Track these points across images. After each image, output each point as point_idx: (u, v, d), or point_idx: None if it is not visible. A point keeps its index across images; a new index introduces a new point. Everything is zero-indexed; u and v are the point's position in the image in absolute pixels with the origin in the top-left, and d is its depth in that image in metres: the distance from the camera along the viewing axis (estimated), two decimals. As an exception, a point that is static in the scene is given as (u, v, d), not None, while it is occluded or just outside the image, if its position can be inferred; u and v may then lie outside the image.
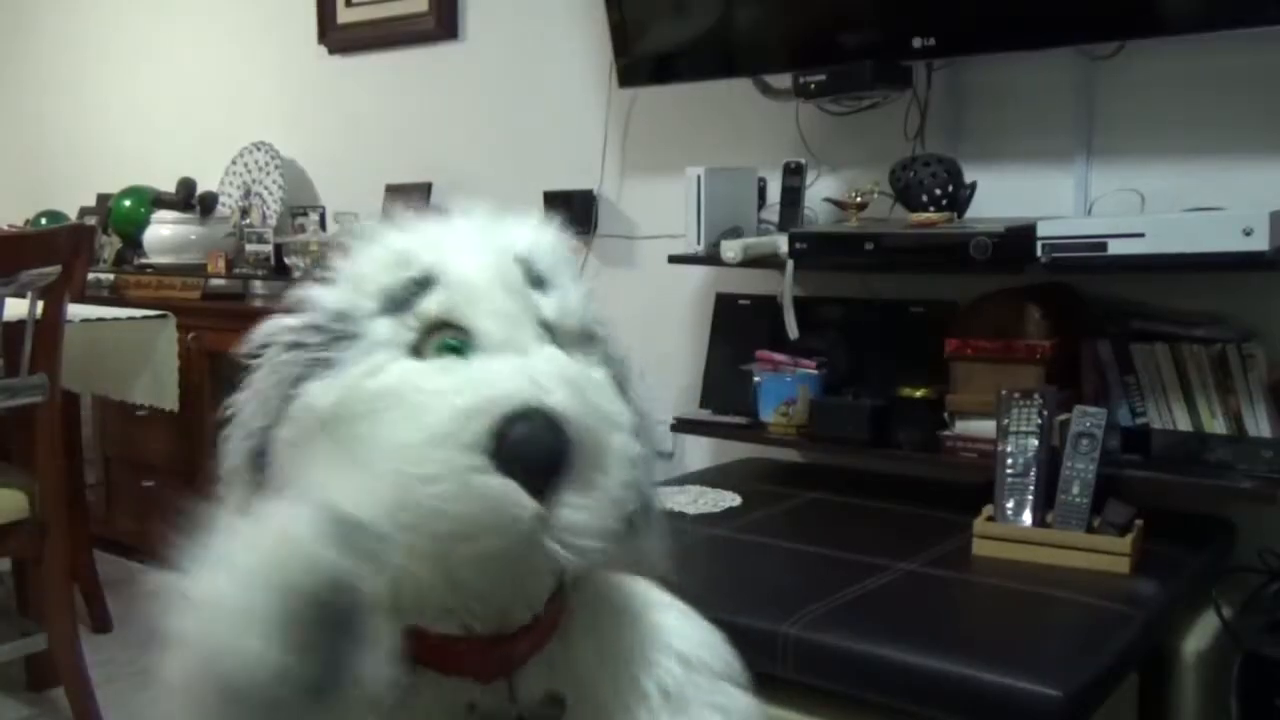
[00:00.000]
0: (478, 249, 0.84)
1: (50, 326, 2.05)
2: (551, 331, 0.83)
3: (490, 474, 0.72)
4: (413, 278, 0.82)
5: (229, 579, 0.68)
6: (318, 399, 0.79)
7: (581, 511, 0.75)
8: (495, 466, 0.72)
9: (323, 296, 0.85)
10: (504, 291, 0.82)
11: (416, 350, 0.80)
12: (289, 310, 0.87)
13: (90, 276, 3.01)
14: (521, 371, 0.77)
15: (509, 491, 0.72)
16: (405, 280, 0.82)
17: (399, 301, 0.81)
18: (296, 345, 0.83)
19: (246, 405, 0.83)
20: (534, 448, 0.73)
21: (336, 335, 0.81)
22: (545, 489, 0.73)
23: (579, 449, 0.75)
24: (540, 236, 0.88)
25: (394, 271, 0.83)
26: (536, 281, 0.84)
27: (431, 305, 0.80)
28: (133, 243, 3.37)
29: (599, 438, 0.77)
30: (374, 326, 0.81)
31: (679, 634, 0.92)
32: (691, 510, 1.93)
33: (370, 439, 0.75)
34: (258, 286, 3.18)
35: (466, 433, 0.73)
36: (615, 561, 0.87)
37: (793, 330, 2.11)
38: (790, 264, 2.05)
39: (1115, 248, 1.69)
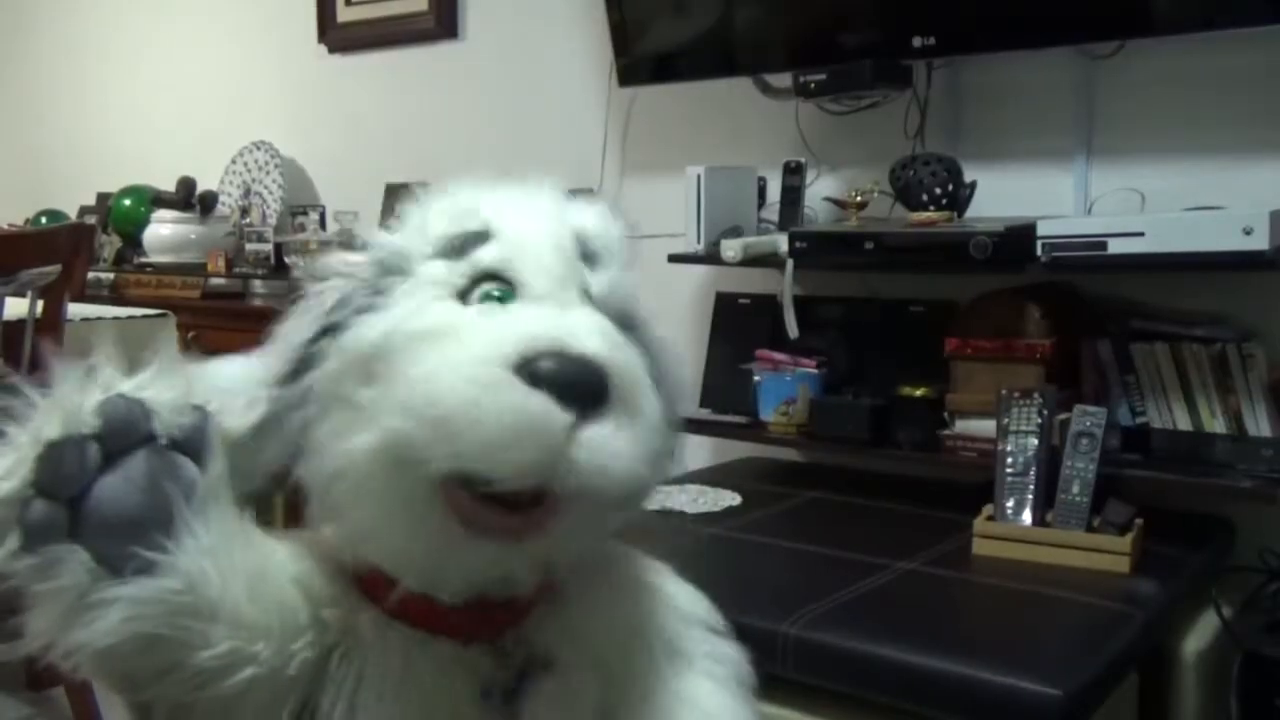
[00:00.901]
0: (539, 214, 0.89)
1: (50, 326, 2.05)
2: (594, 303, 0.86)
3: (526, 387, 0.74)
4: (472, 229, 0.85)
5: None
6: (364, 333, 0.80)
7: (611, 437, 0.76)
8: (539, 387, 0.75)
9: (385, 238, 0.87)
10: (555, 253, 0.85)
11: (462, 296, 0.82)
12: (352, 249, 0.89)
13: (90, 275, 3.01)
14: (561, 318, 0.80)
15: (542, 403, 0.74)
16: (465, 230, 0.85)
17: (455, 249, 0.84)
18: (350, 279, 0.85)
19: (293, 332, 0.84)
20: (566, 377, 0.75)
21: (389, 271, 0.84)
22: (576, 416, 0.75)
23: (610, 389, 0.77)
24: (601, 218, 0.94)
25: (456, 221, 0.86)
26: (588, 256, 0.89)
27: (485, 255, 0.83)
28: (133, 242, 3.37)
29: (632, 387, 0.79)
30: (426, 268, 0.83)
31: (673, 593, 0.94)
32: (691, 510, 1.93)
33: (407, 370, 0.77)
34: (258, 286, 3.18)
35: (502, 357, 0.75)
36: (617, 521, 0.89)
37: (793, 330, 2.11)
38: (790, 263, 2.05)
39: (1115, 247, 1.69)
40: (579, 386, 0.75)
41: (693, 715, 0.88)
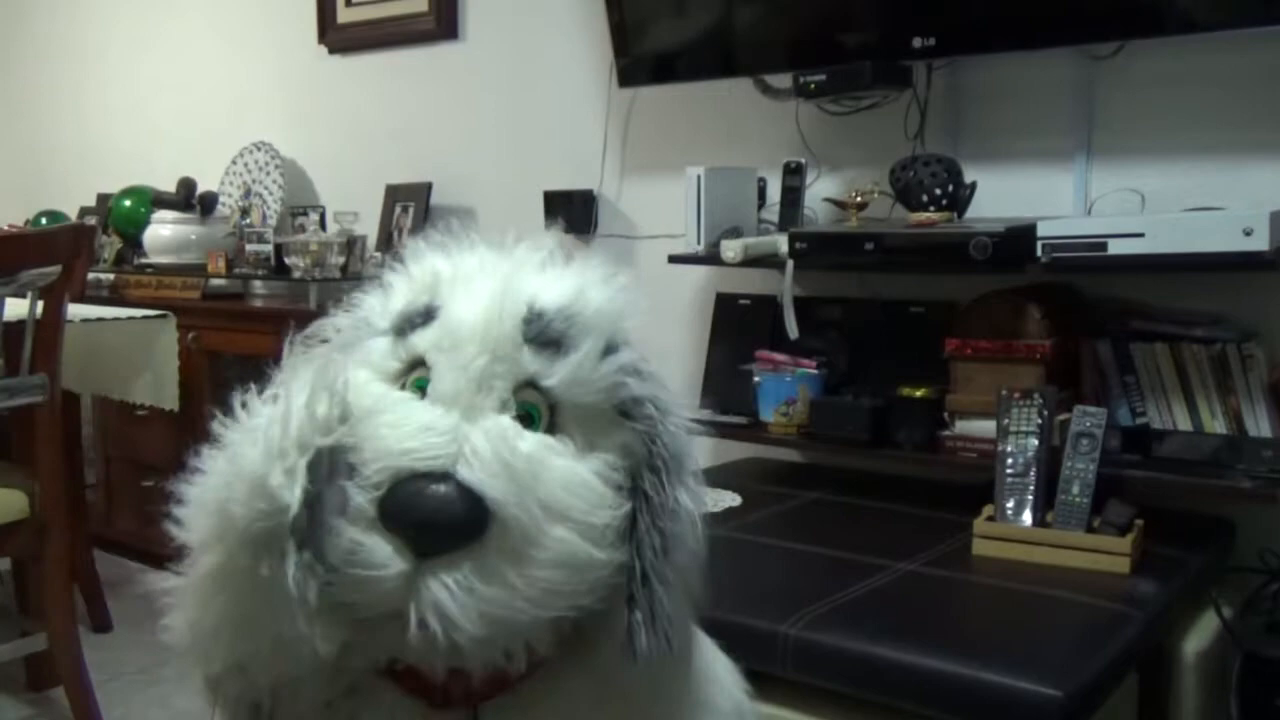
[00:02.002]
0: (490, 291, 0.81)
1: (50, 326, 2.04)
2: (550, 399, 0.80)
3: (370, 531, 0.72)
4: (420, 305, 0.83)
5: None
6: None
7: (460, 590, 0.72)
8: (384, 520, 0.72)
9: (364, 302, 0.87)
10: (481, 347, 0.79)
11: (402, 377, 0.82)
12: (344, 309, 0.90)
13: (90, 276, 3.01)
14: (446, 433, 0.75)
15: (377, 548, 0.72)
16: (413, 308, 0.83)
17: (401, 328, 0.83)
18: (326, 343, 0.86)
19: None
20: (419, 512, 0.72)
21: (348, 342, 0.85)
22: (434, 555, 0.72)
23: (488, 527, 0.72)
24: (580, 291, 0.83)
25: (411, 295, 0.84)
26: (546, 342, 0.80)
27: (420, 340, 0.81)
28: (133, 242, 3.37)
29: (523, 526, 0.73)
30: (375, 344, 0.83)
31: (697, 679, 0.89)
32: (691, 510, 1.93)
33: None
34: (258, 286, 3.18)
35: (371, 479, 0.73)
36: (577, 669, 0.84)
37: (793, 330, 2.11)
38: (790, 264, 2.05)
39: (1115, 248, 1.69)
40: (431, 526, 0.72)
41: None
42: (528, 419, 0.79)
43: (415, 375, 0.80)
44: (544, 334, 0.80)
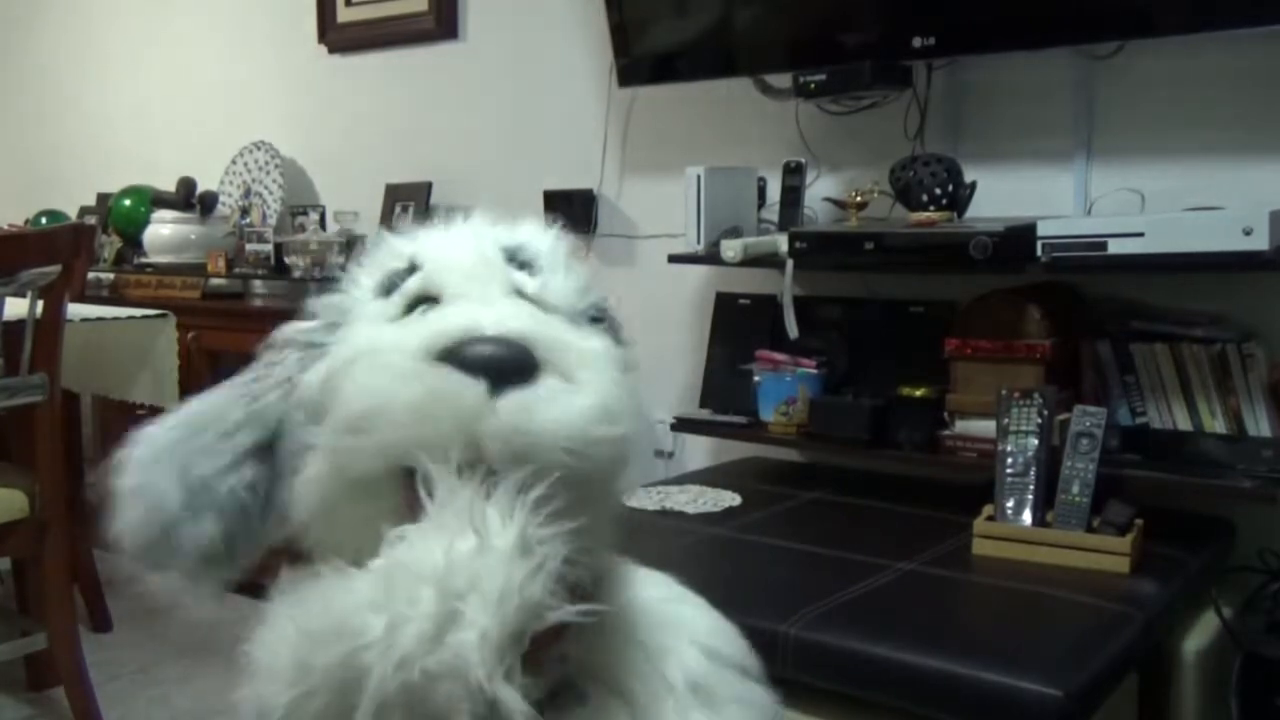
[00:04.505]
0: (461, 237, 0.91)
1: (50, 326, 2.04)
2: (540, 305, 0.87)
3: (435, 366, 0.77)
4: (400, 267, 0.88)
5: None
6: (310, 379, 0.84)
7: (531, 398, 0.77)
8: (455, 366, 0.77)
9: (329, 299, 0.91)
10: (476, 262, 0.87)
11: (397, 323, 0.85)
12: (302, 316, 0.92)
13: (90, 276, 3.01)
14: (477, 311, 0.82)
15: (449, 377, 0.76)
16: (395, 270, 0.88)
17: (387, 289, 0.88)
18: (307, 344, 0.88)
19: (258, 398, 0.88)
20: (476, 354, 0.77)
21: (334, 326, 0.87)
22: (490, 385, 0.77)
23: (533, 359, 0.78)
24: (534, 233, 0.94)
25: (387, 265, 0.89)
26: (522, 265, 0.90)
27: (412, 283, 0.86)
28: (133, 242, 3.37)
29: (564, 354, 0.80)
30: (365, 309, 0.87)
31: (699, 627, 0.93)
32: (691, 510, 1.93)
33: (340, 391, 0.79)
34: (258, 286, 3.18)
35: (411, 350, 0.78)
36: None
37: (793, 330, 2.11)
38: (790, 263, 2.05)
39: (1115, 247, 1.69)
40: (493, 360, 0.77)
41: None
42: None
43: (417, 312, 0.85)
44: (518, 257, 0.90)
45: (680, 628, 0.92)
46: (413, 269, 0.88)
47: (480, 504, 0.75)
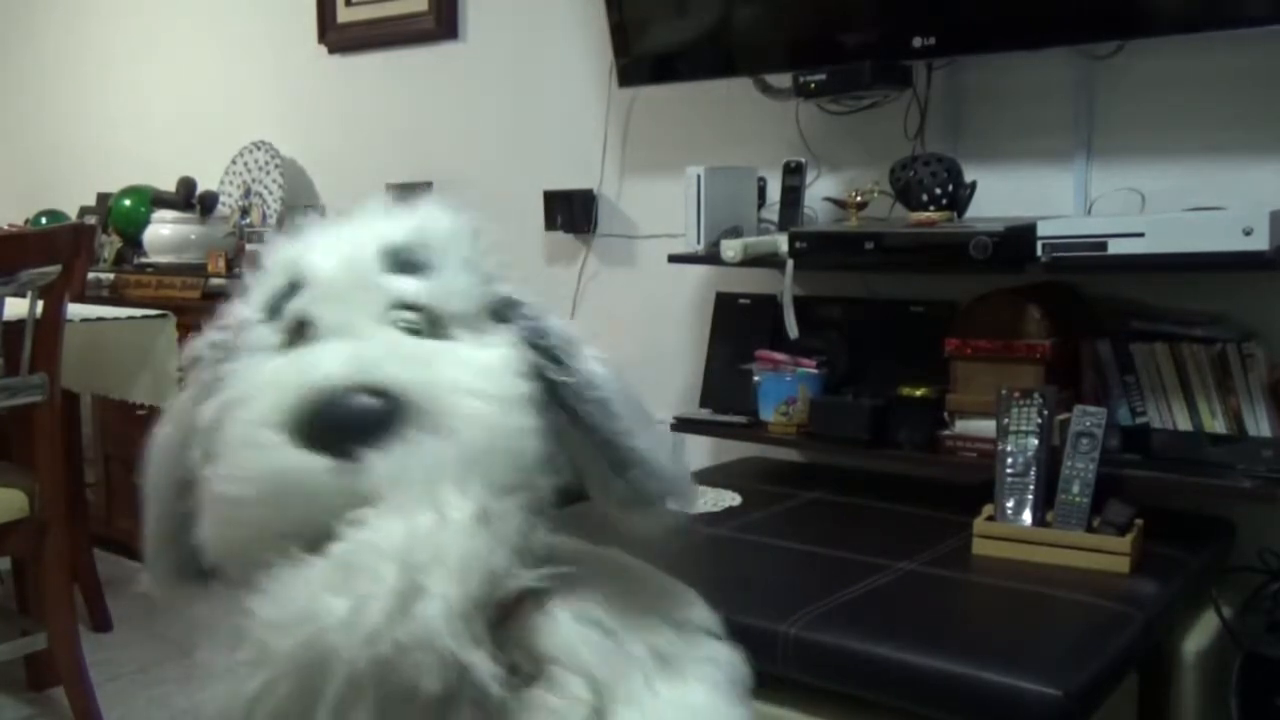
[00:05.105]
0: (340, 247, 0.87)
1: (50, 326, 2.05)
2: (428, 314, 0.85)
3: (284, 447, 0.75)
4: (284, 284, 0.87)
5: None
6: (203, 414, 0.83)
7: (397, 461, 0.75)
8: (302, 440, 0.75)
9: (232, 311, 0.90)
10: (348, 281, 0.84)
11: (289, 348, 0.84)
12: (217, 325, 0.91)
13: (90, 276, 3.01)
14: (341, 353, 0.79)
15: (298, 458, 0.75)
16: (279, 287, 0.87)
17: (275, 308, 0.86)
18: (206, 363, 0.88)
19: (170, 428, 0.88)
20: (338, 417, 0.75)
21: (231, 349, 0.87)
22: (363, 450, 0.75)
23: (404, 413, 0.76)
24: (425, 226, 0.90)
25: (273, 280, 0.88)
26: (406, 267, 0.86)
27: (295, 306, 0.85)
28: (133, 242, 3.37)
29: (436, 404, 0.77)
30: (254, 334, 0.86)
31: (660, 595, 0.94)
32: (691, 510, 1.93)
33: (219, 441, 0.79)
34: (258, 286, 3.17)
35: (274, 414, 0.76)
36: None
37: (793, 330, 2.11)
38: (790, 263, 2.05)
39: (1115, 247, 1.69)
40: (356, 426, 0.75)
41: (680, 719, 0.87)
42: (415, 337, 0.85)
43: (301, 339, 0.84)
44: (402, 261, 0.86)
45: (642, 599, 0.92)
46: (295, 285, 0.86)
47: (439, 482, 0.75)
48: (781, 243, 2.05)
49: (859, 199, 2.06)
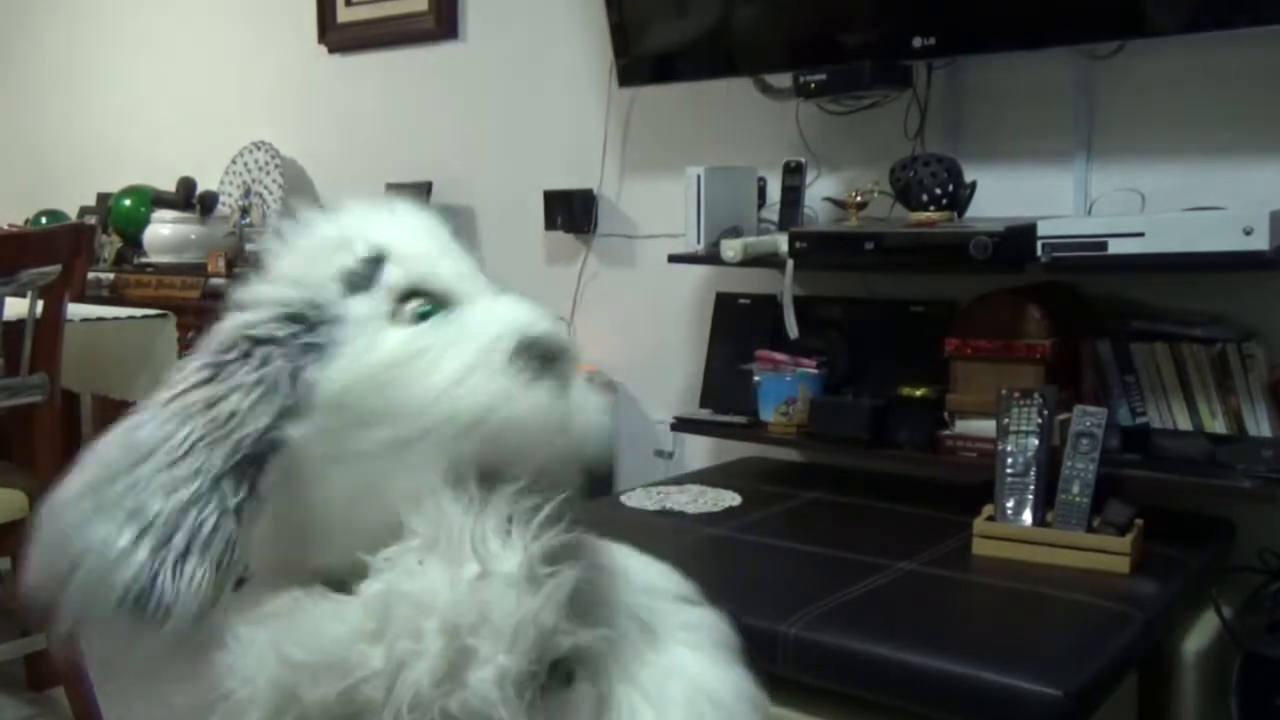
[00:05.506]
0: (407, 226, 0.92)
1: (50, 326, 2.04)
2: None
3: (531, 382, 0.83)
4: (366, 258, 0.87)
5: None
6: (331, 384, 0.81)
7: (588, 397, 0.87)
8: (530, 373, 0.83)
9: (279, 290, 0.87)
10: (439, 250, 0.91)
11: (392, 320, 0.85)
12: (240, 310, 0.88)
13: (90, 276, 3.01)
14: (517, 308, 0.87)
15: (549, 393, 0.83)
16: (360, 261, 0.87)
17: (361, 281, 0.86)
18: (270, 341, 0.83)
19: (225, 408, 0.80)
20: (554, 350, 0.84)
21: (315, 322, 0.84)
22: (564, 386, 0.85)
23: (573, 357, 0.87)
24: (429, 215, 0.96)
25: (342, 255, 0.87)
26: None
27: (400, 278, 0.86)
28: (133, 242, 3.37)
29: (575, 352, 0.88)
30: (350, 306, 0.84)
31: (636, 570, 0.95)
32: (691, 510, 1.93)
33: (403, 396, 0.80)
34: (258, 286, 3.17)
35: (501, 353, 0.82)
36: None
37: (793, 330, 2.11)
38: (790, 263, 2.05)
39: (1115, 247, 1.69)
40: (561, 366, 0.85)
41: (680, 685, 0.87)
42: None
43: (410, 308, 0.86)
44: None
45: (621, 576, 0.93)
46: (379, 259, 0.87)
47: (478, 526, 0.74)
48: (781, 243, 2.05)
49: (859, 199, 2.06)
